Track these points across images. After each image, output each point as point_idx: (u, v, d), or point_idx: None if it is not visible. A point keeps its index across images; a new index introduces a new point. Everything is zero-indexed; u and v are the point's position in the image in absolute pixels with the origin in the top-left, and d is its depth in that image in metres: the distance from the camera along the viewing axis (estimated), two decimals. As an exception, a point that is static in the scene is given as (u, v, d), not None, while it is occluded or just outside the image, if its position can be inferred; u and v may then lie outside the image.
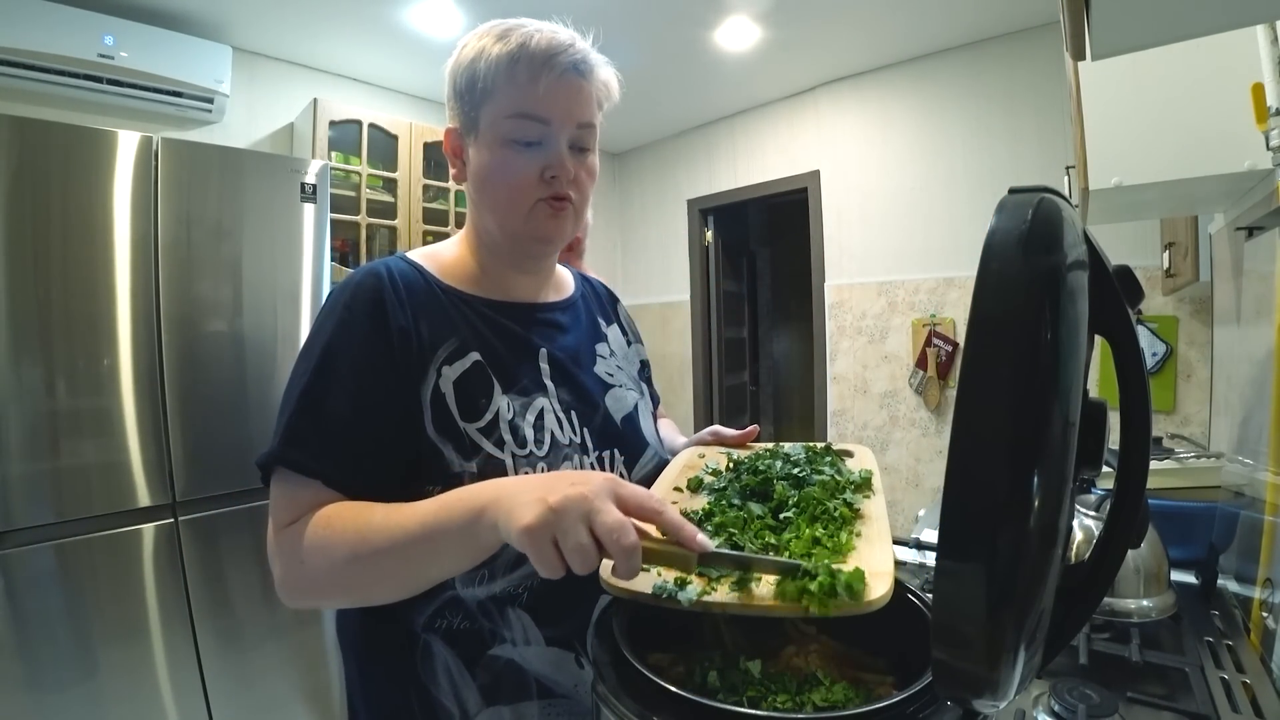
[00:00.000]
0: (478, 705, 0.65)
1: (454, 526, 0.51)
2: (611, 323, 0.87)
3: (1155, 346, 2.22)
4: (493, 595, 0.64)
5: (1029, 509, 0.30)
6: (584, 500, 0.45)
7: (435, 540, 0.52)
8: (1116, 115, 1.00)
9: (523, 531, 0.45)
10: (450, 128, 0.72)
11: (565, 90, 0.66)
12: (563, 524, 0.44)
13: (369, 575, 0.56)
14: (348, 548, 0.55)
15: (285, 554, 0.58)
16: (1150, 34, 0.57)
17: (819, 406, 3.25)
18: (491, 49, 0.66)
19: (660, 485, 0.70)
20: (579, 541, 0.44)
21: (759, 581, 0.47)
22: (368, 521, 0.55)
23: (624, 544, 0.43)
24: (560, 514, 0.44)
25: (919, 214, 2.87)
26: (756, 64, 2.89)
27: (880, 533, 0.54)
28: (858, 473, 0.68)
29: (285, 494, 0.60)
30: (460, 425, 0.64)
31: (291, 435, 0.60)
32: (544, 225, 0.69)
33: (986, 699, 0.35)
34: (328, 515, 0.57)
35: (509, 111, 0.66)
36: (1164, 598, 0.92)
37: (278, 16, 2.35)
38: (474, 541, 0.51)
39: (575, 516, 0.44)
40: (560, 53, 0.65)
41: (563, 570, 0.45)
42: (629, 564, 0.44)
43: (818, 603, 0.43)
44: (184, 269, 1.76)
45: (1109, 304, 0.39)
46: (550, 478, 0.50)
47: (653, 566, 0.48)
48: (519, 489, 0.49)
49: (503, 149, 0.67)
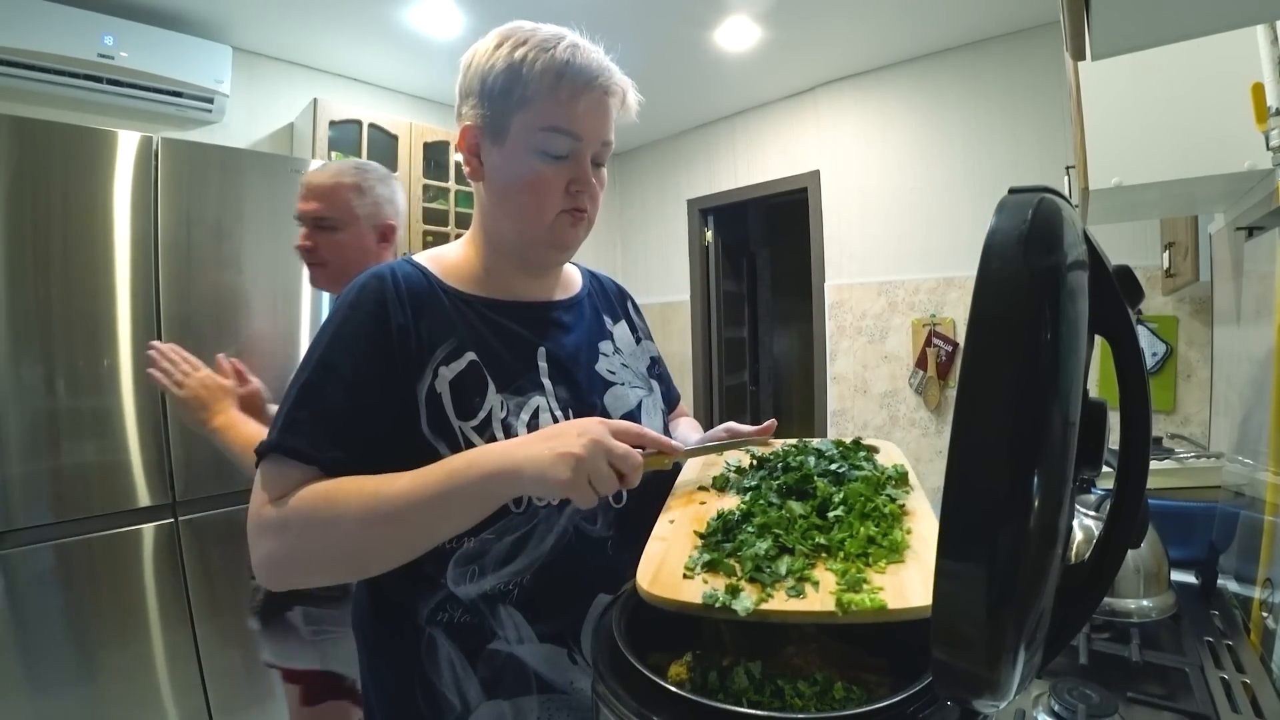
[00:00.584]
0: (478, 698, 0.66)
1: (469, 488, 0.58)
2: (619, 320, 0.87)
3: (1155, 346, 2.22)
4: (484, 593, 0.66)
5: (1029, 509, 0.30)
6: (597, 444, 0.57)
7: (449, 502, 0.58)
8: (1116, 115, 1.00)
9: (564, 485, 0.56)
10: (469, 125, 0.71)
11: (599, 111, 0.69)
12: (591, 466, 0.56)
13: (378, 539, 0.59)
14: (355, 516, 0.58)
15: (274, 529, 0.59)
16: (1150, 34, 0.57)
17: (819, 406, 3.25)
18: (536, 59, 0.66)
19: (682, 483, 0.71)
20: (604, 472, 0.57)
21: (817, 586, 0.48)
22: (375, 490, 0.59)
23: (634, 463, 0.58)
24: (588, 459, 0.56)
25: (919, 214, 2.87)
26: (756, 64, 2.89)
27: (933, 529, 0.54)
28: (891, 468, 0.67)
29: (278, 476, 0.61)
30: (455, 424, 0.65)
31: (290, 424, 0.62)
32: (565, 234, 0.72)
33: (986, 699, 0.35)
34: (324, 489, 0.59)
35: (545, 124, 0.67)
36: (1164, 598, 0.92)
37: (278, 16, 2.35)
38: (488, 501, 0.59)
39: (599, 455, 0.57)
40: (600, 74, 0.68)
41: (596, 501, 0.57)
42: (635, 477, 0.59)
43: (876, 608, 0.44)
44: (184, 269, 1.76)
45: (1109, 304, 0.39)
46: (555, 431, 0.60)
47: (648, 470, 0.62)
48: (535, 451, 0.57)
49: (532, 158, 0.68)
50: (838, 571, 0.49)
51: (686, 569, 0.52)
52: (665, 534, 0.59)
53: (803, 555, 0.52)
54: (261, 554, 0.60)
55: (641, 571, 0.52)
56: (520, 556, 0.66)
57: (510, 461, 0.58)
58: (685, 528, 0.59)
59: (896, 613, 0.45)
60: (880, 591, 0.46)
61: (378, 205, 1.26)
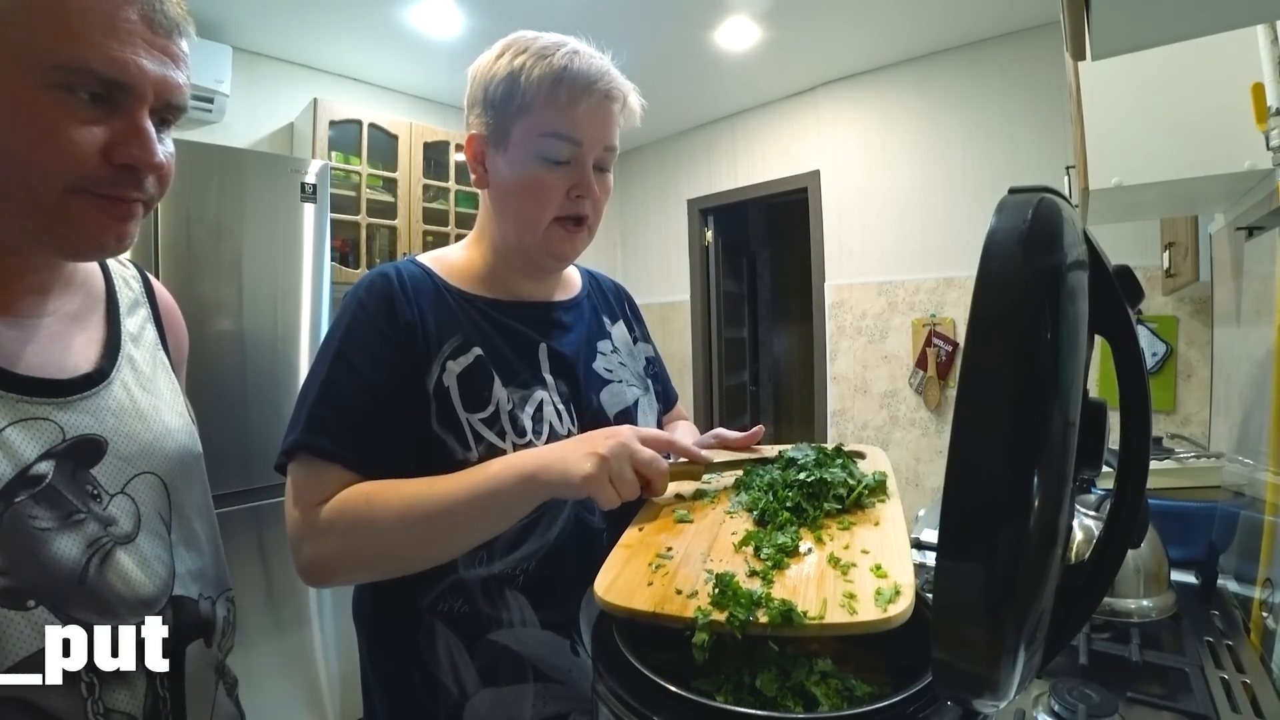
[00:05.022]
0: (476, 686, 0.68)
1: (505, 491, 0.60)
2: (617, 320, 0.89)
3: (1155, 346, 2.22)
4: (493, 575, 0.68)
5: (1029, 509, 0.30)
6: (623, 446, 0.59)
7: (486, 504, 0.61)
8: (1116, 115, 1.00)
9: (585, 480, 0.57)
10: (474, 134, 0.74)
11: (600, 115, 0.70)
12: (614, 466, 0.58)
13: (418, 541, 0.62)
14: (395, 518, 0.60)
15: (319, 531, 0.61)
16: (1150, 34, 0.57)
17: (819, 406, 3.25)
18: (534, 67, 0.68)
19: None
20: (628, 476, 0.59)
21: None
22: (415, 493, 0.61)
23: (658, 469, 0.61)
24: (612, 459, 0.58)
25: (919, 214, 2.87)
26: (756, 64, 2.88)
27: (898, 543, 0.53)
28: (871, 475, 0.66)
29: (310, 477, 0.63)
30: (463, 417, 0.67)
31: (314, 422, 0.63)
32: (559, 245, 0.73)
33: (986, 699, 0.35)
34: (365, 492, 0.61)
35: (544, 130, 0.68)
36: (1164, 598, 0.92)
37: (278, 16, 2.34)
38: (522, 502, 0.61)
39: (623, 458, 0.59)
40: (600, 79, 0.69)
41: (618, 500, 0.59)
42: (662, 484, 0.62)
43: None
44: (184, 269, 1.76)
45: (1109, 304, 0.39)
46: (586, 437, 0.62)
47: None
48: (564, 452, 0.61)
49: (533, 164, 0.69)
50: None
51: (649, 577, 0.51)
52: (631, 542, 0.58)
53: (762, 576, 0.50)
54: (307, 557, 0.62)
55: (599, 579, 0.51)
56: (528, 542, 0.68)
57: (542, 462, 0.60)
58: (652, 537, 0.59)
59: (842, 626, 0.44)
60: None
61: None
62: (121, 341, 0.60)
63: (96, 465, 0.53)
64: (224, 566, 0.66)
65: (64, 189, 0.48)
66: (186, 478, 0.61)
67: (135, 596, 0.52)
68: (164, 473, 0.58)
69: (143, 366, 0.61)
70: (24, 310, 0.53)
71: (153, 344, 0.65)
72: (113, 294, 0.63)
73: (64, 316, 0.57)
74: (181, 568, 0.58)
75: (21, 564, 0.46)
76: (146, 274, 0.70)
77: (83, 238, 0.51)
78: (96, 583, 0.50)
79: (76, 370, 0.55)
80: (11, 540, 0.46)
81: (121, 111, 0.49)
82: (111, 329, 0.60)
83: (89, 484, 0.52)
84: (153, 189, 0.53)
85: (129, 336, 0.62)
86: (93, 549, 0.50)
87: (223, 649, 0.63)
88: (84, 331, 0.58)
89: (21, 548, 0.46)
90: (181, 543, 0.59)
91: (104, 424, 0.54)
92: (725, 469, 0.73)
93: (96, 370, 0.56)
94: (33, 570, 0.46)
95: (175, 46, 0.52)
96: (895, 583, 0.47)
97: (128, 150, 0.49)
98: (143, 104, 0.49)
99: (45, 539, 0.47)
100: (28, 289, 0.54)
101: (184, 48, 0.53)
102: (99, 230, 0.50)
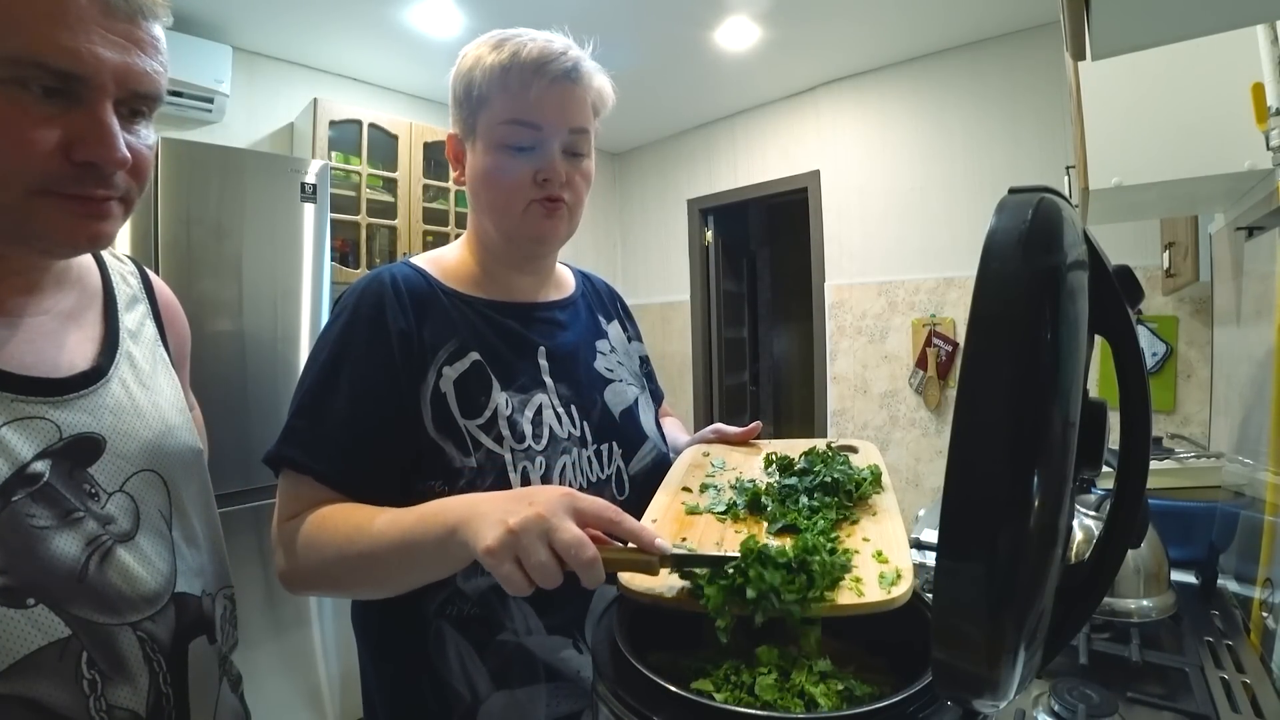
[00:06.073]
0: (488, 689, 0.67)
1: (429, 541, 0.53)
2: (612, 319, 0.89)
3: (1155, 346, 2.22)
4: (494, 585, 0.65)
5: (1029, 508, 0.30)
6: (540, 520, 0.47)
7: (412, 551, 0.55)
8: (1116, 115, 1.00)
9: (485, 553, 0.47)
10: (452, 133, 0.75)
11: (557, 97, 0.69)
12: (522, 543, 0.46)
13: (353, 576, 0.60)
14: (335, 549, 0.58)
15: (284, 546, 0.62)
16: (1150, 34, 0.57)
17: (819, 406, 3.25)
18: (487, 58, 0.69)
19: (668, 484, 0.71)
20: (539, 559, 0.46)
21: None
22: (356, 526, 0.58)
23: (582, 558, 0.46)
24: (519, 534, 0.46)
25: (919, 214, 2.87)
26: (756, 64, 2.88)
27: (895, 531, 0.56)
28: (865, 469, 0.68)
29: (288, 489, 0.64)
30: (461, 423, 0.66)
31: (289, 435, 0.63)
32: (538, 225, 0.72)
33: (986, 699, 0.35)
34: (323, 516, 0.60)
35: (503, 118, 0.69)
36: (1164, 598, 0.92)
37: (278, 16, 2.34)
38: (446, 556, 0.53)
39: (534, 535, 0.47)
40: (551, 61, 0.68)
41: (529, 588, 0.47)
42: (590, 575, 0.47)
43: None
44: (184, 269, 1.76)
45: (1109, 304, 0.39)
46: (512, 497, 0.52)
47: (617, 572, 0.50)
48: (485, 509, 0.51)
49: (497, 153, 0.70)
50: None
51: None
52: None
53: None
54: (278, 568, 0.64)
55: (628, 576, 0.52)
56: None
57: (466, 514, 0.51)
58: (667, 527, 0.60)
59: (851, 607, 0.48)
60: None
61: None
62: (120, 339, 0.60)
63: (94, 464, 0.52)
64: (225, 563, 0.66)
65: (26, 191, 0.45)
66: (187, 474, 0.61)
67: (137, 594, 0.52)
68: (164, 470, 0.58)
69: (142, 363, 0.61)
70: (14, 309, 0.53)
71: (152, 340, 0.64)
72: (110, 291, 0.62)
73: (58, 315, 0.56)
74: (183, 564, 0.57)
75: (20, 562, 0.46)
76: (145, 269, 0.69)
77: (55, 239, 0.49)
78: (97, 580, 0.50)
79: (73, 368, 0.54)
80: (10, 539, 0.46)
81: (80, 105, 0.46)
82: (109, 326, 0.60)
83: (86, 483, 0.51)
84: (125, 184, 0.51)
85: (127, 333, 0.61)
86: (92, 547, 0.50)
87: (226, 645, 0.63)
88: (80, 329, 0.57)
89: (20, 546, 0.46)
90: (183, 540, 0.59)
91: (102, 422, 0.54)
92: (688, 563, 0.51)
93: (94, 368, 0.56)
94: (32, 568, 0.46)
95: (140, 31, 0.48)
96: (896, 567, 0.51)
97: (87, 147, 0.46)
98: (103, 96, 0.46)
99: (44, 537, 0.47)
100: (15, 288, 0.53)
101: (153, 31, 0.50)
102: (69, 232, 0.49)
